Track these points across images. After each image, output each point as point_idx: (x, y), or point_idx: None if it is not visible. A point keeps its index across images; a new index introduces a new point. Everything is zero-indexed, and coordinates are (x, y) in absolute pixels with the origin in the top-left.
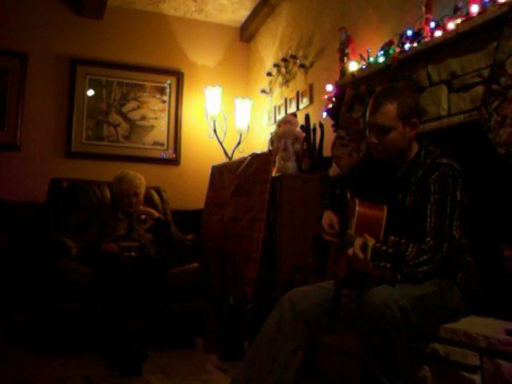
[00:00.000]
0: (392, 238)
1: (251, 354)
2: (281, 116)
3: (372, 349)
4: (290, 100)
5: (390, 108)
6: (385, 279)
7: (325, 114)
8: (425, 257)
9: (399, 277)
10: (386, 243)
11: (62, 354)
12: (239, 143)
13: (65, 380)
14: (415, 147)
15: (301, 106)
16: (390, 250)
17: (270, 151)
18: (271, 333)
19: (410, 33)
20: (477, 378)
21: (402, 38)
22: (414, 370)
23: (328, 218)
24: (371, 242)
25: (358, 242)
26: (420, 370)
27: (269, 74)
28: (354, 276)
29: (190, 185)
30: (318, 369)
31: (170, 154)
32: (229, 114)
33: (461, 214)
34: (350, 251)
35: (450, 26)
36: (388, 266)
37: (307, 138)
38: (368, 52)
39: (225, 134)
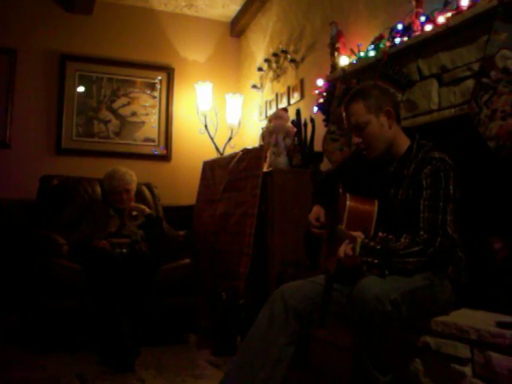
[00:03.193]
0: (380, 234)
1: (243, 349)
2: (272, 111)
3: (363, 342)
4: (281, 95)
5: (357, 106)
6: (373, 275)
7: (316, 109)
8: (416, 248)
9: (387, 273)
10: (374, 239)
11: (55, 352)
12: (230, 139)
13: (58, 378)
14: (407, 142)
15: (292, 101)
16: (378, 247)
17: (261, 146)
18: (263, 328)
19: (400, 27)
20: (468, 370)
21: (393, 33)
22: (406, 362)
23: (315, 212)
24: (360, 238)
25: (348, 239)
26: (411, 363)
27: (260, 70)
28: (344, 271)
29: (182, 181)
30: (309, 363)
31: (161, 150)
32: (220, 110)
33: (454, 208)
34: (341, 250)
35: (440, 20)
36: (375, 261)
37: (298, 133)
38: (358, 46)
39: (216, 129)
